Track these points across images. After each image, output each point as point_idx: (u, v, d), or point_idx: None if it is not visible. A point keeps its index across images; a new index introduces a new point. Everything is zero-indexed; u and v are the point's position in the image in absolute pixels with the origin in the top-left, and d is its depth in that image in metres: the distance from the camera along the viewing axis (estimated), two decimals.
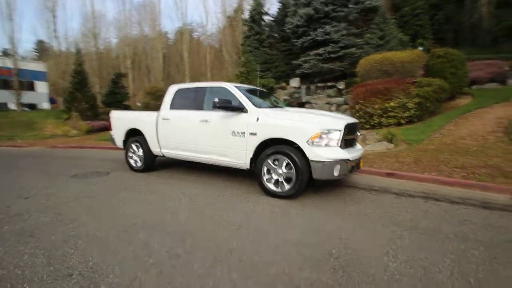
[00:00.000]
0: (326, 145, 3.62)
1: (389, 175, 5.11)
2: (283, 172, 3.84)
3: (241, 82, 18.24)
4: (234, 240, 2.65)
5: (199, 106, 4.78)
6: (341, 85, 17.02)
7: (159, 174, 5.51)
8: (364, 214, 3.33)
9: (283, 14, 23.08)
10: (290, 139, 3.72)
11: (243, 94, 4.39)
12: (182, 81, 26.12)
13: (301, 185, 3.70)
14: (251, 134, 4.05)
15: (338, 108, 14.32)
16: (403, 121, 9.01)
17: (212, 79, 29.03)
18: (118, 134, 6.04)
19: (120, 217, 3.23)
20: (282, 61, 23.01)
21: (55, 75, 30.56)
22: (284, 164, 3.80)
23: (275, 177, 3.93)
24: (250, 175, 5.18)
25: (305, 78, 19.43)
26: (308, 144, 3.60)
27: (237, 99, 4.32)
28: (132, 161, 5.80)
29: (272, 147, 3.89)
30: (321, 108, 13.85)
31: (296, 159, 3.66)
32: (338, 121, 3.78)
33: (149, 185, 4.69)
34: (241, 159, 4.24)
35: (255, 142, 4.03)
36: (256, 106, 4.21)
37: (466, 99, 10.06)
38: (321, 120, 3.80)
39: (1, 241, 2.66)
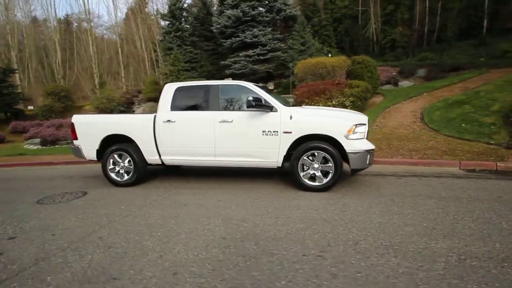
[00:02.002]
0: (357, 138, 4.08)
1: None
2: (319, 166, 4.09)
3: (172, 81, 17.11)
4: (344, 230, 2.75)
5: (213, 106, 4.44)
6: (270, 86, 18.26)
7: (150, 186, 4.80)
8: (395, 194, 3.95)
9: (205, 12, 22.77)
10: (329, 134, 4.00)
11: (266, 92, 4.38)
12: (91, 79, 22.18)
13: (339, 177, 4.05)
14: (285, 132, 4.12)
15: None
16: None
17: (128, 77, 25.92)
18: (88, 143, 4.89)
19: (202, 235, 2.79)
20: (207, 60, 22.72)
21: None
22: (321, 158, 4.06)
23: (311, 172, 4.13)
24: (261, 174, 5.19)
25: (234, 79, 19.81)
26: (345, 137, 3.98)
27: (262, 97, 4.28)
28: (113, 175, 4.82)
29: (309, 143, 4.07)
30: None
31: (334, 153, 3.98)
32: (362, 116, 4.31)
33: (165, 199, 4.08)
34: (273, 158, 4.24)
35: (290, 140, 4.12)
36: (283, 104, 4.29)
37: (379, 98, 12.59)
38: (351, 116, 4.25)
39: None
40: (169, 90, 4.68)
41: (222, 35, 19.36)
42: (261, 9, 18.39)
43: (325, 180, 4.09)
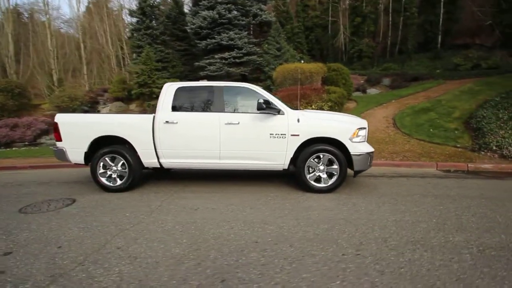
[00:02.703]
0: (360, 141, 4.29)
1: None
2: (325, 168, 4.22)
3: (145, 83, 16.27)
4: (367, 229, 2.85)
5: (218, 108, 4.34)
6: None
7: (146, 191, 4.53)
8: (395, 194, 4.22)
9: (178, 11, 22.18)
10: (335, 137, 4.15)
11: (271, 95, 4.41)
12: (48, 76, 20.06)
13: (343, 179, 4.21)
14: (293, 135, 4.18)
15: None
16: None
17: (91, 75, 24.14)
18: (75, 145, 4.45)
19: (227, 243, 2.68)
20: (179, 60, 22.09)
21: None
22: (327, 160, 4.19)
23: (317, 174, 4.24)
24: (259, 177, 5.18)
25: (209, 80, 19.48)
26: (350, 140, 4.16)
27: (269, 100, 4.29)
28: (104, 180, 4.45)
29: (315, 146, 4.18)
30: None
31: (339, 155, 4.14)
32: (362, 120, 4.54)
33: (170, 204, 3.87)
34: (279, 160, 4.27)
35: (297, 142, 4.19)
36: (289, 107, 4.35)
37: (352, 104, 13.33)
38: (353, 120, 4.46)
39: None
40: (169, 90, 4.47)
41: (197, 36, 18.97)
42: (236, 12, 18.42)
43: (330, 182, 4.23)
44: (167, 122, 4.30)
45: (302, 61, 19.75)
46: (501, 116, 8.32)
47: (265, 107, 4.03)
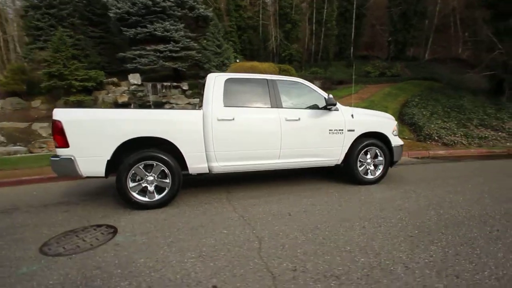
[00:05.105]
0: (395, 135, 4.74)
1: None
2: (371, 161, 4.49)
3: (60, 74, 12.86)
4: (453, 211, 3.20)
5: (275, 103, 3.97)
6: (185, 86, 17.11)
7: (183, 204, 3.77)
8: (414, 180, 4.86)
9: None
10: (383, 131, 4.46)
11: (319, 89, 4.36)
12: None
13: (387, 170, 4.58)
14: (349, 130, 4.25)
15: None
16: None
17: None
18: (91, 152, 3.23)
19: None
20: (93, 49, 18.67)
21: None
22: (374, 153, 4.46)
23: (367, 166, 4.46)
24: (291, 175, 5.03)
25: (141, 75, 17.26)
26: (392, 134, 4.56)
27: (321, 96, 4.23)
28: (136, 194, 3.43)
29: (365, 140, 4.37)
30: (184, 109, 13.45)
31: (384, 147, 4.48)
32: (392, 117, 5.00)
33: (246, 212, 3.29)
34: (335, 156, 4.27)
35: (352, 137, 4.29)
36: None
37: None
38: (389, 116, 4.87)
39: None
40: (217, 82, 3.80)
41: (123, 22, 16.46)
42: (170, 2, 16.92)
43: (377, 173, 4.52)
44: (222, 119, 3.66)
45: (237, 60, 19.90)
46: (424, 113, 10.64)
47: (327, 103, 3.97)
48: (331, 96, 4.00)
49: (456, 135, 8.55)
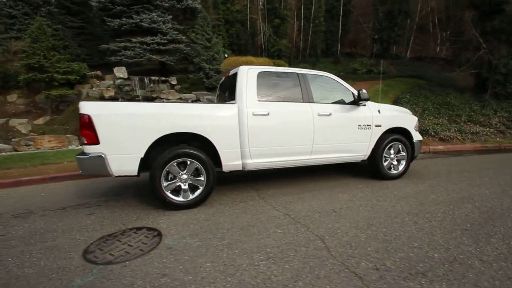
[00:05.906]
0: (416, 130, 4.81)
1: None
2: (395, 156, 4.54)
3: (41, 66, 11.86)
4: (488, 203, 3.31)
5: (306, 97, 3.87)
6: (173, 81, 16.54)
7: (216, 203, 3.62)
8: (439, 174, 5.01)
9: None
10: (406, 127, 4.51)
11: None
12: None
13: (409, 165, 4.66)
14: (376, 126, 4.25)
15: None
16: None
17: None
18: (124, 149, 2.97)
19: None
20: (73, 40, 17.53)
21: None
22: (397, 149, 4.52)
23: (391, 162, 4.50)
24: (310, 171, 4.99)
25: (127, 68, 16.43)
26: (414, 130, 4.64)
27: (348, 90, 4.20)
28: (170, 194, 3.21)
29: (390, 136, 4.40)
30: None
31: (407, 143, 4.54)
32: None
33: (290, 211, 3.20)
34: (363, 151, 4.27)
35: (379, 133, 4.30)
36: None
37: None
38: (409, 111, 4.92)
39: None
40: (249, 75, 3.63)
41: (106, 12, 15.58)
42: None
43: (400, 168, 4.58)
44: (257, 114, 3.51)
45: (226, 55, 19.54)
46: (416, 110, 11.01)
47: (361, 98, 3.95)
48: (364, 91, 3.97)
49: (451, 130, 8.94)
